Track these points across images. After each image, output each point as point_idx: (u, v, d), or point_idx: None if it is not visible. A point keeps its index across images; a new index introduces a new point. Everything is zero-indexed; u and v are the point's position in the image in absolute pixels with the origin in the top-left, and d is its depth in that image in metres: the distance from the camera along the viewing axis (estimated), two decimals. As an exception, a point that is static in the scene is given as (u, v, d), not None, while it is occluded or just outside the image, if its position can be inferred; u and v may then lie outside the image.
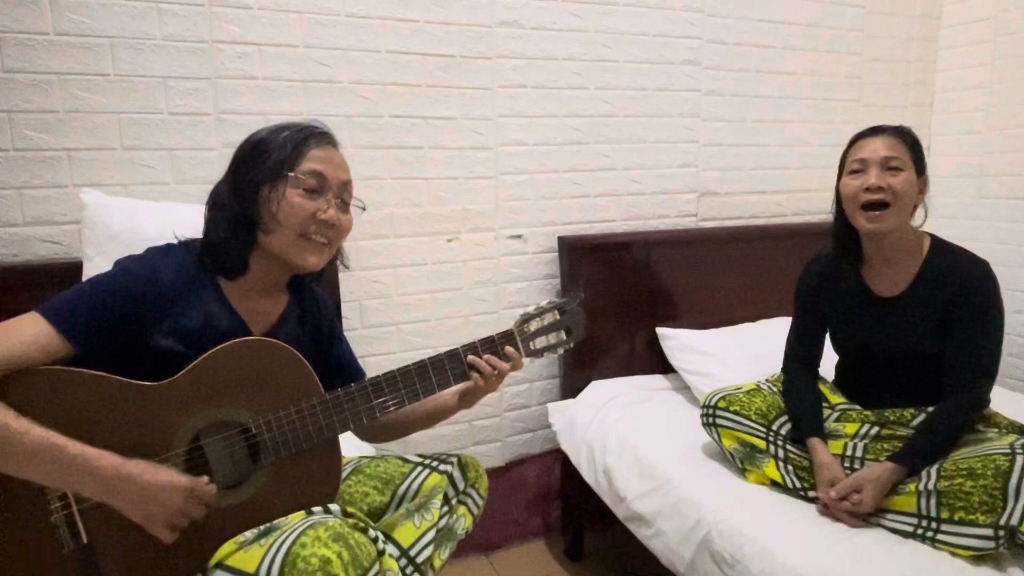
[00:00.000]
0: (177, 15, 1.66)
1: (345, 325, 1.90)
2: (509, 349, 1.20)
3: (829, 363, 1.65)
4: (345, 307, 1.92)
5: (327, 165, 1.10)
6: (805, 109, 2.52)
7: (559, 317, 1.25)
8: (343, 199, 1.14)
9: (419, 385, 1.16)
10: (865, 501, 1.31)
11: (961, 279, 1.41)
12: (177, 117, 1.70)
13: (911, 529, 1.28)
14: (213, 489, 1.02)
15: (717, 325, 2.21)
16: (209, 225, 1.11)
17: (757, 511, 1.41)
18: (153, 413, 1.01)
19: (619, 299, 2.17)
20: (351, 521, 1.00)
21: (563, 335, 1.25)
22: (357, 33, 1.85)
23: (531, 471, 2.28)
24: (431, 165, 1.99)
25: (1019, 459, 1.20)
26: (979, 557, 1.20)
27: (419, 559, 1.13)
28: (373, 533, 1.02)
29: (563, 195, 2.18)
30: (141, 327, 1.03)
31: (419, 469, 1.24)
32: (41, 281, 1.53)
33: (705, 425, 1.59)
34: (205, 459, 1.06)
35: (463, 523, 1.24)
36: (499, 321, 2.15)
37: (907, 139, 1.45)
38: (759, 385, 1.63)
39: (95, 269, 1.42)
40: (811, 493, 1.44)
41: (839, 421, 1.54)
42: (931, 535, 1.25)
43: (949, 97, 2.68)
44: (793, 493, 1.47)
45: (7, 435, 0.90)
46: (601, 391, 2.06)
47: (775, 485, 1.50)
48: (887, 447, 1.43)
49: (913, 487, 1.30)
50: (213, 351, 1.05)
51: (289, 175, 1.07)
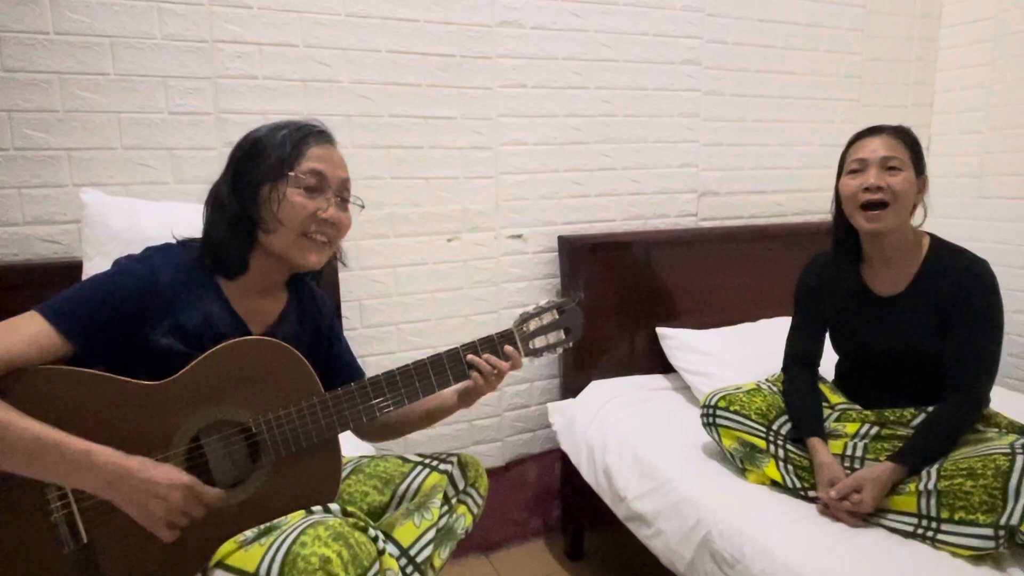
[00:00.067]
0: (177, 14, 1.66)
1: (345, 325, 1.90)
2: (509, 348, 1.20)
3: (829, 363, 1.65)
4: (345, 307, 1.92)
5: (326, 164, 1.10)
6: (805, 109, 2.52)
7: (558, 317, 1.25)
8: (342, 197, 1.14)
9: (419, 384, 1.16)
10: (865, 501, 1.31)
11: (961, 279, 1.41)
12: (177, 116, 1.70)
13: (911, 529, 1.28)
14: (215, 492, 1.02)
15: (717, 325, 2.21)
16: (209, 225, 1.11)
17: (757, 511, 1.41)
18: (153, 412, 1.01)
19: (619, 299, 2.17)
20: (351, 520, 1.00)
21: (562, 335, 1.26)
22: (357, 33, 1.85)
23: (531, 471, 2.28)
24: (431, 165, 1.99)
25: (1019, 459, 1.20)
26: (979, 557, 1.20)
27: (419, 558, 1.13)
28: (373, 532, 1.02)
29: (563, 195, 2.18)
30: (140, 327, 1.03)
31: (419, 468, 1.25)
32: (41, 280, 1.53)
33: (705, 425, 1.59)
34: (205, 459, 1.06)
35: (463, 522, 1.24)
36: (499, 321, 2.15)
37: (906, 139, 1.45)
38: (759, 385, 1.63)
39: (95, 268, 1.42)
40: (811, 493, 1.44)
41: (839, 421, 1.54)
42: (931, 535, 1.25)
43: (949, 97, 2.68)
44: (793, 493, 1.47)
45: (8, 432, 0.90)
46: (601, 391, 2.06)
47: (775, 485, 1.50)
48: (887, 447, 1.43)
49: (913, 487, 1.30)
50: (213, 350, 1.05)
51: (289, 175, 1.07)
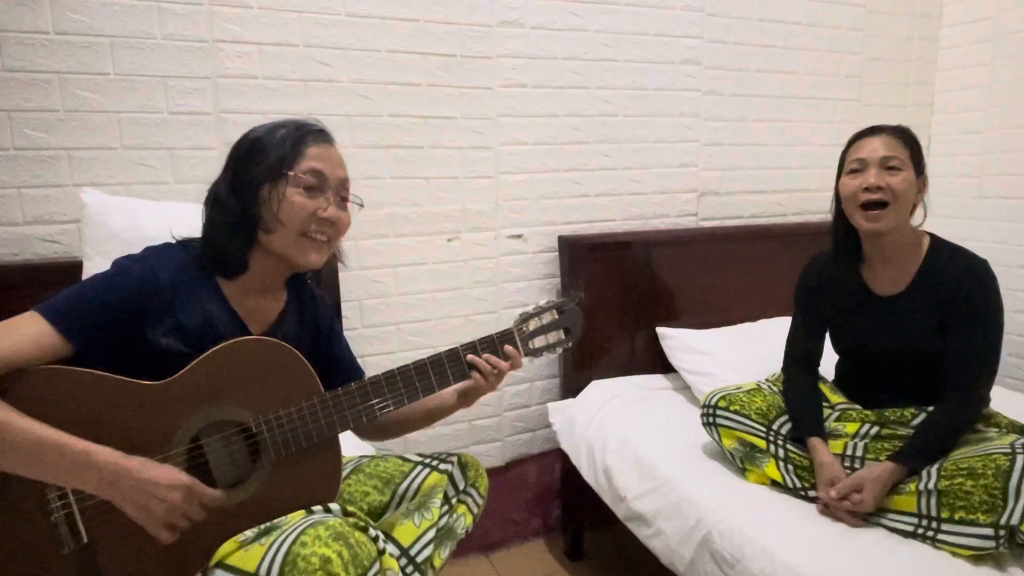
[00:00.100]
0: (177, 14, 1.66)
1: (345, 325, 1.90)
2: (508, 348, 1.20)
3: (829, 363, 1.65)
4: (345, 307, 1.92)
5: (326, 163, 1.10)
6: (805, 108, 2.52)
7: (557, 317, 1.25)
8: (342, 196, 1.14)
9: (419, 384, 1.16)
10: (866, 500, 1.31)
11: (960, 278, 1.41)
12: (177, 116, 1.70)
13: (911, 529, 1.28)
14: (215, 493, 1.02)
15: (717, 325, 2.21)
16: (208, 225, 1.11)
17: (757, 511, 1.41)
18: (153, 412, 1.01)
19: (619, 299, 2.17)
20: (351, 520, 1.00)
21: (562, 334, 1.26)
22: (357, 32, 1.85)
23: (531, 471, 2.28)
24: (431, 164, 1.99)
25: (1019, 458, 1.20)
26: (979, 557, 1.20)
27: (419, 558, 1.13)
28: (373, 532, 1.01)
29: (563, 195, 2.18)
30: (140, 327, 1.02)
31: (419, 468, 1.25)
32: (41, 280, 1.53)
33: (705, 425, 1.59)
34: (205, 459, 1.06)
35: (463, 522, 1.24)
36: (499, 321, 2.15)
37: (906, 139, 1.45)
38: (759, 385, 1.63)
39: (95, 268, 1.42)
40: (811, 493, 1.44)
41: (839, 421, 1.54)
42: (931, 535, 1.25)
43: (949, 97, 2.68)
44: (793, 493, 1.47)
45: (8, 433, 0.90)
46: (601, 391, 2.06)
47: (775, 485, 1.50)
48: (887, 447, 1.43)
49: (913, 487, 1.30)
50: (213, 350, 1.05)
51: (289, 174, 1.07)
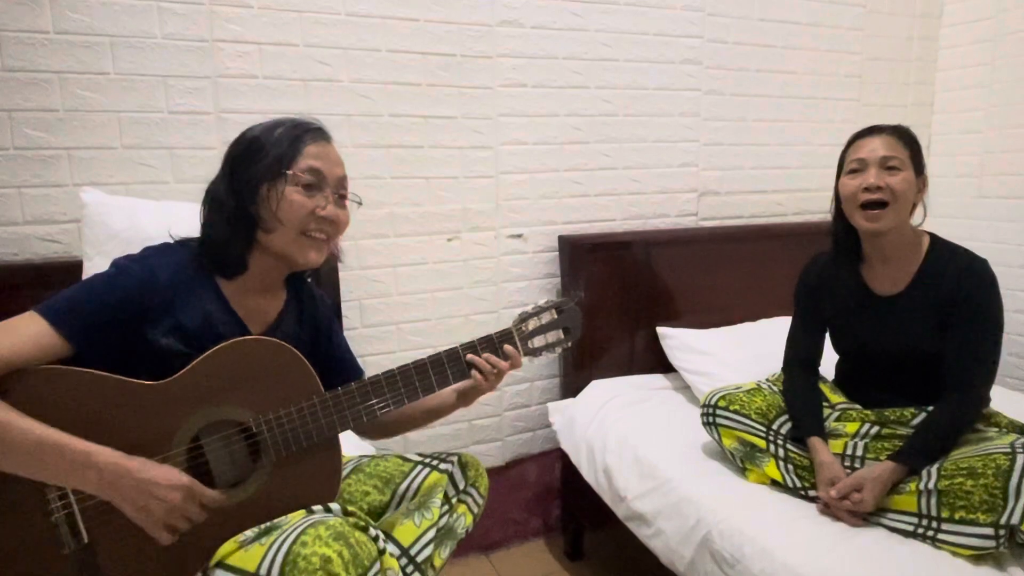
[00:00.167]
0: (177, 14, 1.66)
1: (345, 324, 1.90)
2: (508, 348, 1.20)
3: (829, 363, 1.65)
4: (345, 306, 1.92)
5: (324, 161, 1.10)
6: (805, 108, 2.52)
7: (557, 316, 1.25)
8: (340, 195, 1.14)
9: (418, 384, 1.16)
10: (866, 500, 1.31)
11: (960, 278, 1.41)
12: (177, 116, 1.70)
13: (912, 528, 1.28)
14: (215, 494, 1.02)
15: (717, 324, 2.21)
16: (207, 225, 1.11)
17: (757, 510, 1.41)
18: (153, 413, 1.01)
19: (619, 298, 2.17)
20: (351, 520, 1.00)
21: (561, 334, 1.26)
22: (357, 32, 1.85)
23: (531, 470, 2.28)
24: (431, 164, 1.99)
25: (1019, 458, 1.20)
26: (979, 556, 1.20)
27: (419, 558, 1.13)
28: (373, 532, 1.01)
29: (563, 194, 2.18)
30: (140, 327, 1.02)
31: (419, 468, 1.25)
32: (41, 280, 1.53)
33: (705, 424, 1.59)
34: (205, 459, 1.06)
35: (463, 522, 1.24)
36: (499, 320, 2.15)
37: (905, 138, 1.45)
38: (759, 384, 1.63)
39: (95, 268, 1.42)
40: (811, 492, 1.44)
41: (839, 420, 1.54)
42: (932, 534, 1.25)
43: (949, 96, 2.68)
44: (793, 492, 1.47)
45: (8, 433, 0.90)
46: (601, 390, 2.06)
47: (775, 484, 1.50)
48: (887, 446, 1.43)
49: (913, 486, 1.30)
50: (212, 350, 1.04)
51: (287, 173, 1.07)
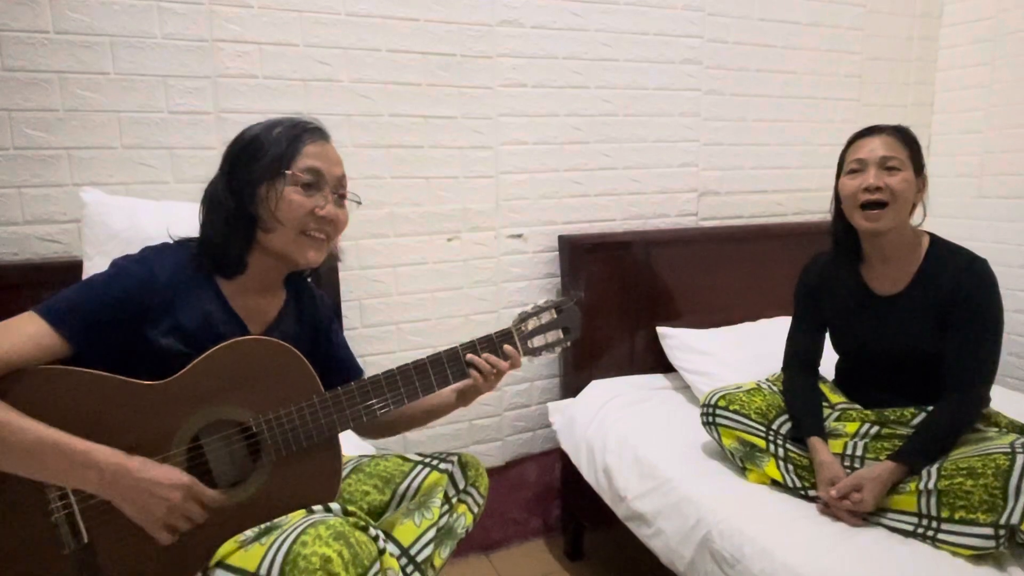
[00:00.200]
0: (177, 13, 1.66)
1: (345, 324, 1.90)
2: (508, 348, 1.20)
3: (829, 363, 1.65)
4: (345, 306, 1.92)
5: (323, 161, 1.10)
6: (805, 108, 2.52)
7: (556, 316, 1.25)
8: (339, 194, 1.14)
9: (418, 384, 1.16)
10: (865, 500, 1.31)
11: (960, 278, 1.41)
12: (177, 116, 1.70)
13: (911, 528, 1.29)
14: (215, 494, 1.02)
15: (717, 324, 2.21)
16: (205, 225, 1.11)
17: (757, 510, 1.41)
18: (153, 413, 1.01)
19: (619, 298, 2.17)
20: (351, 520, 1.00)
21: (560, 334, 1.26)
22: (357, 32, 1.85)
23: (531, 470, 2.28)
24: (431, 164, 1.99)
25: (1019, 458, 1.20)
26: (979, 556, 1.20)
27: (419, 558, 1.13)
28: (373, 532, 1.01)
29: (563, 194, 2.18)
30: (139, 327, 1.02)
31: (419, 468, 1.24)
32: (41, 280, 1.53)
33: (705, 424, 1.59)
34: (205, 459, 1.06)
35: (463, 522, 1.24)
36: (499, 320, 2.15)
37: (905, 138, 1.45)
38: (759, 384, 1.63)
39: (95, 268, 1.42)
40: (811, 492, 1.44)
41: (839, 420, 1.54)
42: (931, 534, 1.25)
43: (949, 96, 2.68)
44: (793, 492, 1.47)
45: (7, 432, 0.90)
46: (601, 390, 2.06)
47: (775, 484, 1.50)
48: (887, 446, 1.43)
49: (913, 486, 1.30)
50: (212, 350, 1.04)
51: (286, 173, 1.07)
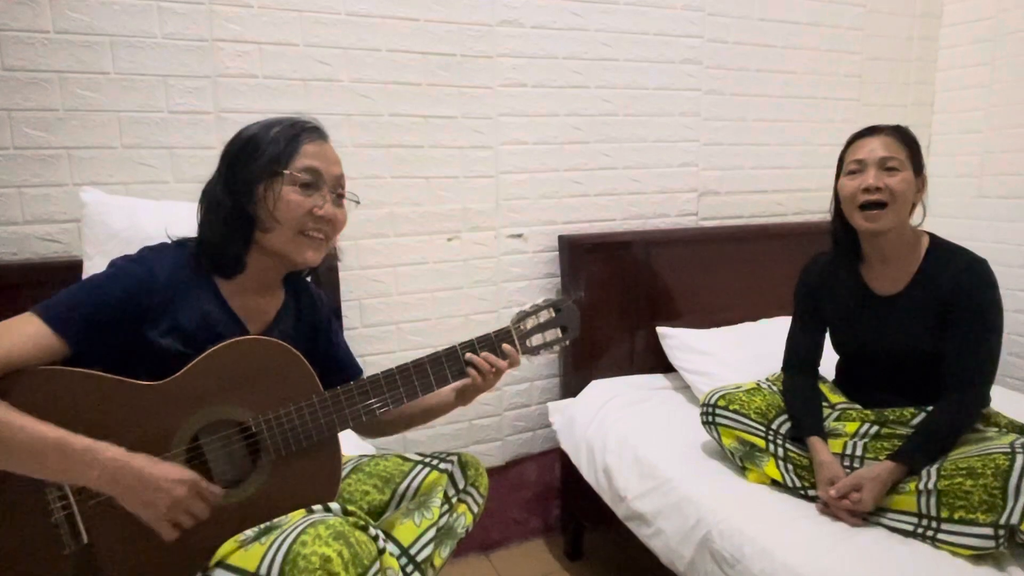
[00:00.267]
0: (177, 13, 1.66)
1: (345, 324, 1.90)
2: (506, 347, 1.21)
3: (829, 363, 1.65)
4: (345, 306, 1.91)
5: (321, 160, 1.10)
6: (805, 108, 2.52)
7: (554, 315, 1.26)
8: (338, 194, 1.13)
9: (417, 383, 1.16)
10: (865, 499, 1.31)
11: (959, 278, 1.41)
12: (177, 116, 1.70)
13: (911, 528, 1.29)
14: (218, 490, 1.02)
15: (717, 324, 2.21)
16: (204, 225, 1.10)
17: (757, 510, 1.41)
18: (152, 413, 1.01)
19: (619, 298, 2.17)
20: (351, 519, 1.00)
21: (559, 332, 1.26)
22: (357, 32, 1.85)
23: (531, 470, 2.28)
24: (431, 164, 1.99)
25: (1019, 458, 1.20)
26: (979, 556, 1.20)
27: (419, 557, 1.13)
28: (373, 531, 1.01)
29: (563, 194, 2.18)
30: (138, 327, 1.02)
31: (419, 467, 1.24)
32: (41, 280, 1.53)
33: (705, 423, 1.59)
34: (204, 459, 1.06)
35: (463, 522, 1.24)
36: (499, 320, 2.15)
37: (904, 138, 1.45)
38: (759, 384, 1.63)
39: (95, 268, 1.42)
40: (811, 492, 1.44)
41: (839, 420, 1.54)
42: (931, 534, 1.25)
43: (949, 96, 2.68)
44: (793, 492, 1.47)
45: (8, 431, 0.90)
46: (601, 390, 2.06)
47: (775, 484, 1.50)
48: (887, 446, 1.43)
49: (913, 486, 1.30)
50: (211, 350, 1.04)
51: (284, 172, 1.07)
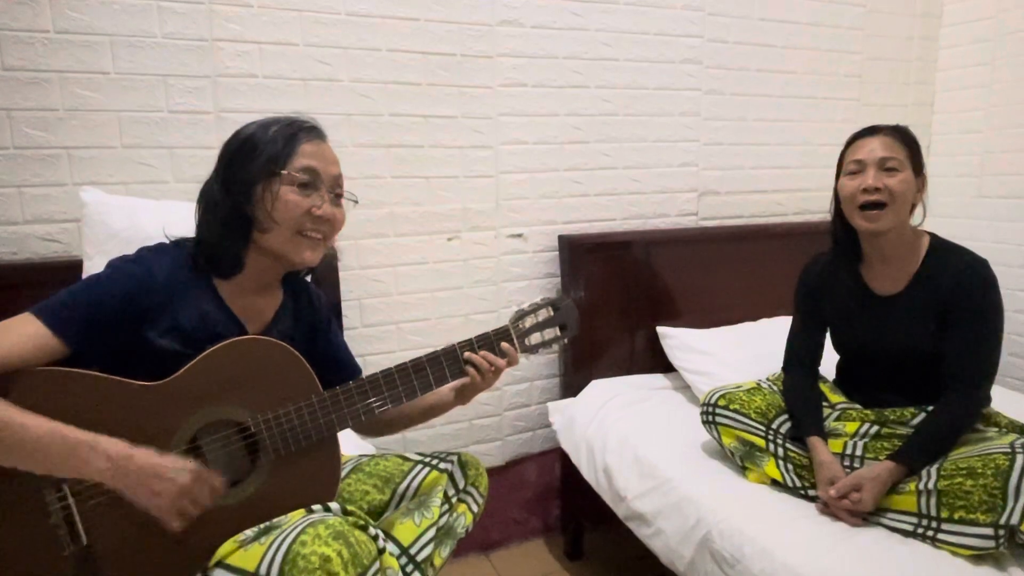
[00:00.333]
0: (177, 13, 1.66)
1: (345, 324, 1.90)
2: (505, 345, 1.21)
3: (829, 363, 1.65)
4: (345, 306, 1.91)
5: (319, 160, 1.10)
6: (806, 108, 2.52)
7: (553, 314, 1.26)
8: (336, 193, 1.13)
9: (416, 383, 1.16)
10: (865, 499, 1.31)
11: (959, 278, 1.41)
12: (177, 115, 1.70)
13: (911, 528, 1.29)
14: (221, 479, 1.02)
15: (717, 324, 2.21)
16: (202, 225, 1.10)
17: (757, 510, 1.41)
18: (151, 413, 1.01)
19: (619, 298, 2.17)
20: (351, 519, 1.00)
21: (557, 331, 1.26)
22: (357, 31, 1.85)
23: (531, 470, 2.28)
24: (431, 164, 1.99)
25: (1019, 458, 1.20)
26: (979, 557, 1.20)
27: (419, 557, 1.13)
28: (373, 531, 1.01)
29: (563, 194, 2.18)
30: (137, 327, 1.02)
31: (419, 467, 1.24)
32: (41, 279, 1.53)
33: (705, 423, 1.59)
34: (204, 459, 1.06)
35: (463, 521, 1.24)
36: (499, 320, 2.15)
37: (904, 138, 1.44)
38: (759, 384, 1.63)
39: (95, 268, 1.42)
40: (811, 492, 1.44)
41: (839, 420, 1.54)
42: (931, 534, 1.25)
43: (949, 96, 2.68)
44: (793, 492, 1.47)
45: (10, 428, 0.90)
46: (601, 390, 2.06)
47: (775, 484, 1.50)
48: (887, 446, 1.43)
49: (913, 486, 1.30)
50: (210, 350, 1.04)
51: (282, 172, 1.06)
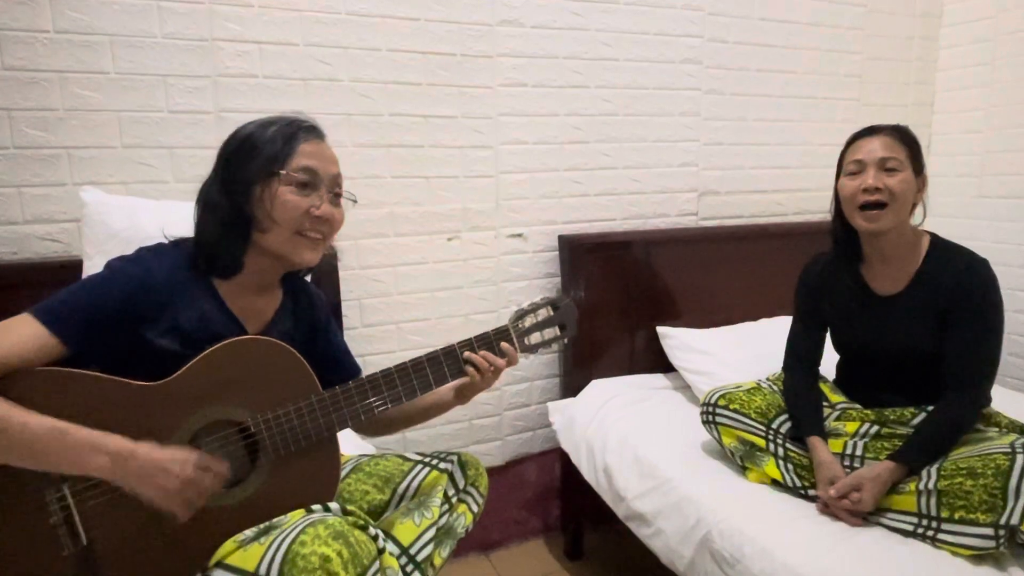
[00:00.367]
0: (177, 13, 1.66)
1: (345, 324, 1.89)
2: (505, 345, 1.21)
3: (829, 363, 1.65)
4: (345, 306, 1.91)
5: (318, 160, 1.09)
6: (806, 108, 2.52)
7: (552, 313, 1.26)
8: (335, 193, 1.13)
9: (416, 382, 1.16)
10: (865, 499, 1.31)
11: (960, 278, 1.41)
12: (177, 115, 1.70)
13: (911, 528, 1.28)
14: (224, 463, 1.02)
15: (717, 324, 2.21)
16: (201, 226, 1.10)
17: (757, 510, 1.41)
18: (151, 413, 1.01)
19: (619, 298, 2.17)
20: (351, 519, 1.00)
21: (557, 330, 1.27)
22: (358, 31, 1.85)
23: (531, 470, 2.28)
24: (431, 164, 1.99)
25: (1019, 458, 1.20)
26: (979, 557, 1.20)
27: (419, 557, 1.13)
28: (373, 531, 1.01)
29: (563, 194, 2.18)
30: (136, 328, 1.02)
31: (419, 467, 1.24)
32: (40, 279, 1.53)
33: (705, 423, 1.59)
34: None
35: (463, 521, 1.24)
36: (499, 320, 2.14)
37: (904, 138, 1.44)
38: (759, 384, 1.63)
39: (95, 267, 1.41)
40: (811, 492, 1.44)
41: (839, 420, 1.54)
42: (931, 534, 1.25)
43: (949, 96, 2.68)
44: (793, 492, 1.47)
45: (10, 426, 0.90)
46: (601, 390, 2.06)
47: (775, 484, 1.50)
48: (887, 446, 1.43)
49: (913, 486, 1.30)
50: (210, 350, 1.04)
51: (281, 172, 1.06)
